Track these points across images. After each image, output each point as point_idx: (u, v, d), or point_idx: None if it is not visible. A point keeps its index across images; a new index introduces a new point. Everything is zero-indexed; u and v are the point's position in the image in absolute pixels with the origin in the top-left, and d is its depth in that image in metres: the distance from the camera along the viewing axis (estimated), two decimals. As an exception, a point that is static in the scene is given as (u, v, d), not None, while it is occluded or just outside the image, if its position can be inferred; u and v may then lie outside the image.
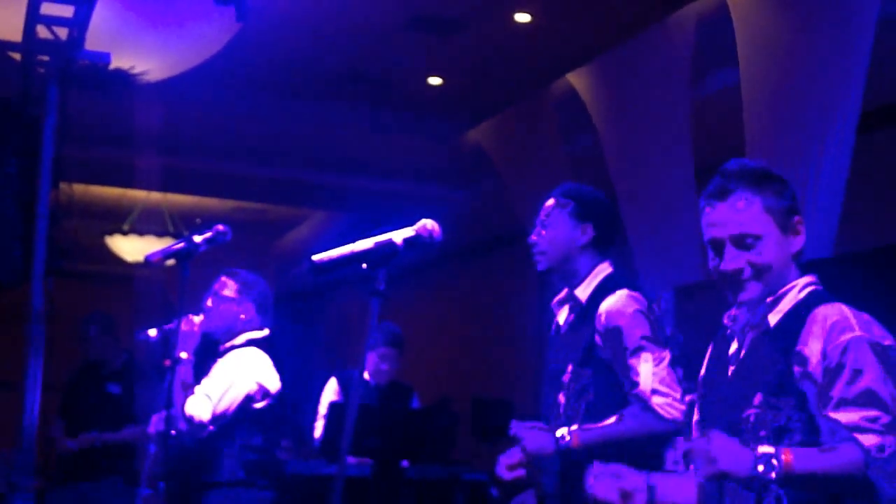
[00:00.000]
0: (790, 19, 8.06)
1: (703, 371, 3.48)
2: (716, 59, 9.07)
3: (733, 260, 3.25)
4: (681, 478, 3.41)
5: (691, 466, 3.03)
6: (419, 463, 7.97)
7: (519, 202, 10.78)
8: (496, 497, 8.64)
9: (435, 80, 11.03)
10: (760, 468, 2.93)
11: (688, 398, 4.28)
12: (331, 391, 8.24)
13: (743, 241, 3.24)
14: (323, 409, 8.12)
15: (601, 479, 3.35)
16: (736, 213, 3.24)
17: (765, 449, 2.96)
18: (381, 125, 11.91)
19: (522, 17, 9.53)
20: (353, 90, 11.24)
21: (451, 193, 13.22)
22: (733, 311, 3.34)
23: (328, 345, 17.82)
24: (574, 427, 4.42)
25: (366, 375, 8.17)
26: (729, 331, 3.35)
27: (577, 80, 10.27)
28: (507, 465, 4.51)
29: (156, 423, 5.55)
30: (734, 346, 3.33)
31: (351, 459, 7.70)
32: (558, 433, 4.42)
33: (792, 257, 3.27)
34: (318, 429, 8.02)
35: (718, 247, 3.27)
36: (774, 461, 2.93)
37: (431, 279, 15.90)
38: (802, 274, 3.29)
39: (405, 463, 7.81)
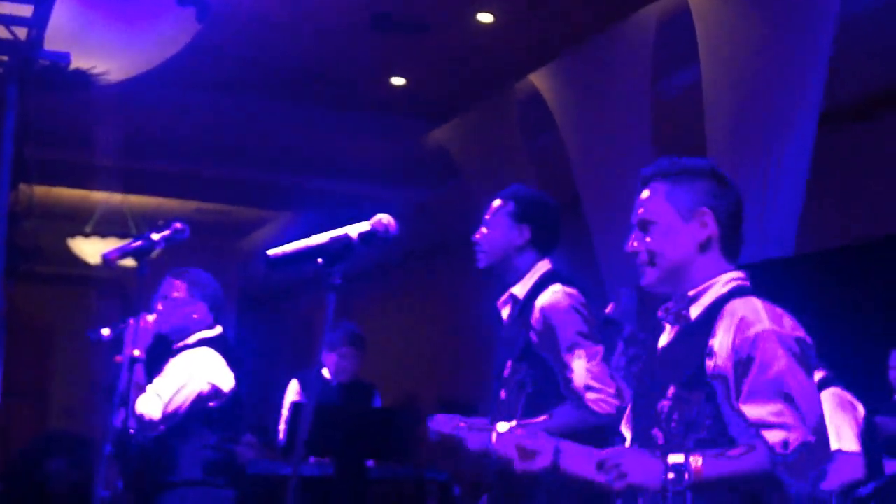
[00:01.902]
0: (751, 18, 8.09)
1: (639, 366, 3.51)
2: (677, 58, 9.10)
3: (633, 243, 3.38)
4: (590, 451, 3.41)
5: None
6: (382, 462, 7.96)
7: (482, 202, 10.76)
8: (458, 496, 8.64)
9: (398, 81, 11.02)
10: (671, 476, 2.99)
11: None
12: (293, 392, 8.24)
13: (644, 226, 3.36)
14: (286, 410, 8.11)
15: (504, 437, 3.37)
16: (643, 201, 3.38)
17: (674, 458, 3.01)
18: (344, 126, 11.88)
19: (485, 18, 9.53)
20: (316, 90, 11.21)
21: (414, 194, 13.22)
22: (668, 305, 3.37)
23: (292, 346, 17.80)
24: (513, 423, 4.44)
25: (327, 375, 8.16)
26: (663, 323, 3.38)
27: (539, 80, 10.28)
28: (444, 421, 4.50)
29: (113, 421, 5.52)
30: (663, 340, 3.37)
31: (314, 459, 7.69)
32: (498, 428, 4.43)
33: (697, 248, 3.30)
34: (282, 430, 8.01)
35: (631, 230, 3.40)
36: (685, 471, 2.98)
37: (396, 279, 15.90)
38: (731, 269, 3.32)
39: (369, 462, 7.80)
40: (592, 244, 9.68)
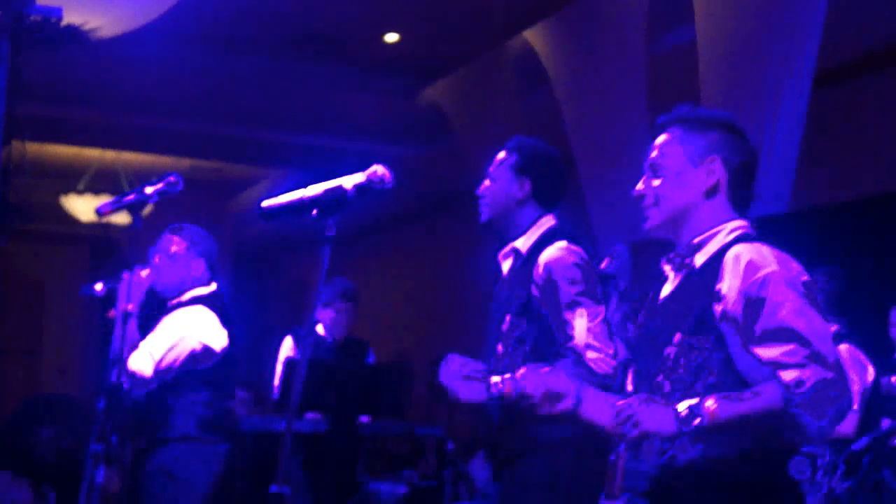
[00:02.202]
0: (746, -25, 8.06)
1: (640, 315, 3.51)
2: (672, 15, 9.06)
3: (642, 184, 3.39)
4: (608, 399, 3.43)
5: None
6: (375, 418, 7.97)
7: (475, 159, 10.76)
8: (452, 451, 8.67)
9: (391, 37, 10.97)
10: (685, 418, 3.01)
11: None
12: (287, 348, 8.24)
13: (654, 169, 3.38)
14: (280, 366, 8.12)
15: (531, 374, 3.39)
16: (657, 144, 3.40)
17: (687, 403, 3.03)
18: (338, 83, 11.84)
19: (480, -27, 9.49)
20: (310, 48, 11.16)
21: (407, 151, 13.18)
22: (670, 255, 3.37)
23: (286, 302, 17.79)
24: (507, 375, 4.43)
25: (322, 331, 8.16)
26: (665, 273, 3.38)
27: (533, 36, 10.24)
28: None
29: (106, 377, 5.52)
30: (666, 288, 3.37)
31: (309, 415, 7.70)
32: (492, 380, 4.42)
33: (703, 195, 3.31)
34: (276, 386, 8.02)
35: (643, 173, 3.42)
36: (699, 414, 3.01)
37: (389, 237, 15.89)
38: (737, 219, 3.32)
39: (362, 418, 7.81)
40: (585, 201, 9.67)
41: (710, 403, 3.00)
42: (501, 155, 4.75)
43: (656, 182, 3.34)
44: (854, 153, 8.80)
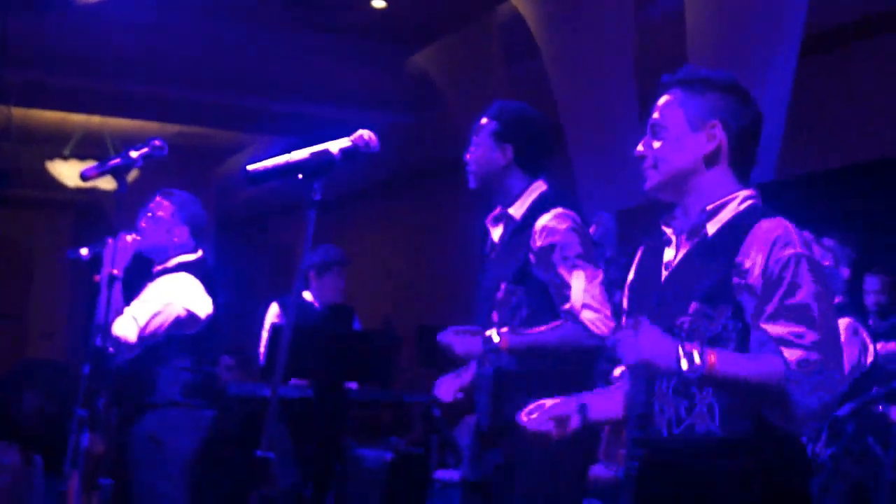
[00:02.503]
0: (734, -57, 8.04)
1: (631, 276, 3.50)
2: (660, -18, 9.05)
3: (643, 145, 3.36)
4: (609, 393, 3.45)
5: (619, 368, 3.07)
6: (362, 385, 7.98)
7: (463, 127, 10.73)
8: (438, 418, 8.68)
9: (378, 4, 10.94)
10: (684, 364, 2.98)
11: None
12: (272, 315, 8.23)
13: (654, 131, 3.35)
14: (266, 332, 8.11)
15: (534, 413, 3.40)
16: (659, 106, 3.36)
17: (691, 347, 3.01)
18: (325, 49, 11.81)
19: (467, -60, 9.46)
20: (297, 14, 11.13)
21: (394, 118, 13.16)
22: (669, 217, 3.36)
23: (271, 269, 17.79)
24: (504, 330, 4.44)
25: (309, 297, 8.15)
26: (665, 236, 3.37)
27: (521, 3, 10.21)
28: (447, 389, 4.58)
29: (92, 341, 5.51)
30: (670, 253, 3.35)
31: (296, 381, 7.70)
32: (488, 334, 4.45)
33: (703, 160, 3.29)
34: (262, 353, 8.02)
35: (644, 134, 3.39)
36: (698, 359, 2.98)
37: (377, 204, 15.88)
38: (743, 187, 3.30)
39: (349, 385, 7.81)
40: (572, 168, 9.67)
41: (711, 355, 2.99)
42: (483, 121, 4.73)
43: (656, 144, 3.31)
44: (841, 121, 8.80)
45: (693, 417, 3.16)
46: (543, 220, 4.54)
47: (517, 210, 4.66)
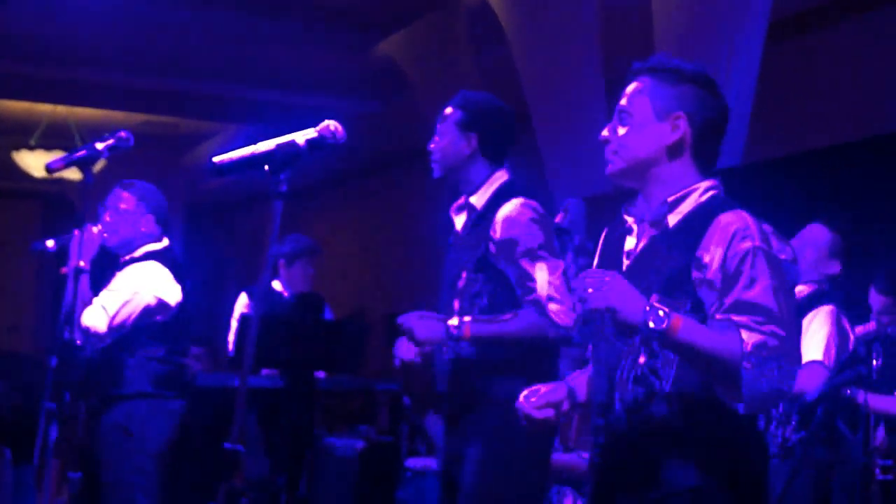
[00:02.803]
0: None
1: (595, 263, 3.51)
2: (626, -33, 9.05)
3: (607, 130, 3.37)
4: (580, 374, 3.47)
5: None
6: (331, 374, 7.97)
7: (430, 114, 10.71)
8: (408, 406, 8.67)
9: (345, -9, 10.91)
10: (651, 323, 2.99)
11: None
12: (241, 305, 8.23)
13: (620, 116, 3.37)
14: (235, 322, 8.11)
15: (528, 399, 3.41)
16: (627, 93, 3.37)
17: (659, 304, 3.03)
18: (291, 36, 11.77)
19: (433, -74, 9.43)
20: (264, 1, 11.08)
21: (362, 106, 13.14)
22: (629, 205, 3.38)
23: (240, 259, 17.77)
24: (467, 318, 4.46)
25: (279, 287, 8.15)
26: (627, 224, 3.38)
27: (488, -10, 10.20)
28: (407, 349, 4.59)
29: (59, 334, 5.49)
30: (631, 242, 3.36)
31: (266, 371, 7.70)
32: (450, 322, 4.46)
33: (665, 150, 3.30)
34: (231, 343, 8.01)
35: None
36: (664, 319, 2.99)
37: (344, 192, 15.86)
38: (705, 178, 3.30)
39: (318, 374, 7.81)
40: (541, 156, 9.67)
41: (678, 319, 3.00)
42: (448, 111, 4.75)
43: (622, 130, 3.33)
44: (807, 105, 8.83)
45: (651, 404, 3.19)
46: (504, 211, 4.57)
47: (479, 199, 4.69)
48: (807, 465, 5.25)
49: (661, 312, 2.99)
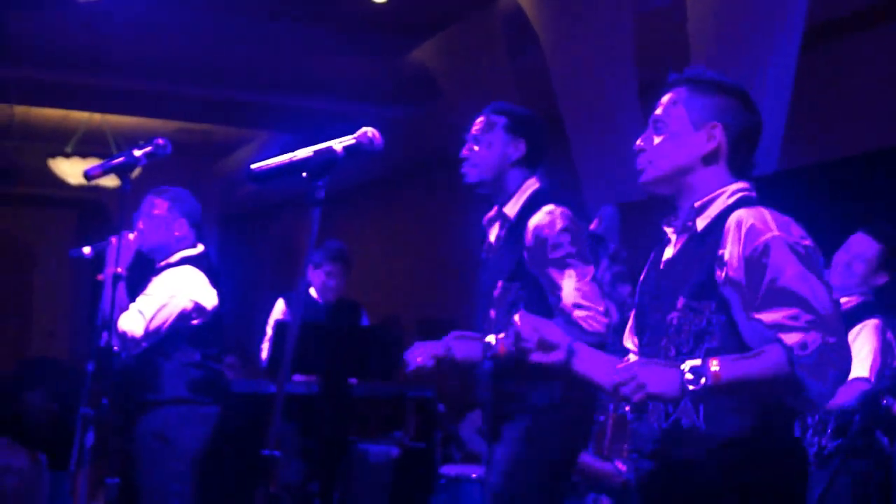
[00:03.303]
0: (734, -67, 8.02)
1: (642, 276, 3.52)
2: (661, -27, 9.03)
3: (642, 139, 3.39)
4: (603, 356, 3.44)
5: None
6: (366, 380, 7.98)
7: (463, 121, 10.71)
8: (443, 413, 8.67)
9: (379, -2, 10.92)
10: (689, 380, 2.98)
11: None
12: (278, 311, 8.23)
13: (656, 125, 3.38)
14: (270, 329, 8.11)
15: (526, 319, 3.38)
16: (663, 102, 3.40)
17: (691, 363, 3.00)
18: (325, 44, 11.79)
19: (467, -68, 9.43)
20: (297, 8, 11.10)
21: (395, 113, 13.15)
22: (671, 217, 3.39)
23: (274, 266, 17.79)
24: (501, 335, 4.48)
25: (314, 293, 8.15)
26: (666, 236, 3.39)
27: (522, -4, 10.20)
28: (425, 352, 4.59)
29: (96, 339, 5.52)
30: (668, 252, 3.37)
31: (299, 377, 7.71)
32: (487, 339, 4.49)
33: (701, 159, 3.31)
34: (265, 349, 8.01)
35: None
36: (703, 375, 2.98)
37: (377, 199, 15.87)
38: (737, 181, 3.31)
39: (352, 380, 7.81)
40: (573, 162, 9.66)
41: (714, 365, 2.98)
42: (488, 118, 4.77)
43: (657, 139, 3.35)
44: (842, 111, 8.79)
45: (679, 412, 3.20)
46: (535, 219, 4.60)
47: (512, 208, 4.72)
48: (843, 473, 5.23)
49: (697, 375, 2.98)
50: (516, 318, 3.37)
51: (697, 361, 3.00)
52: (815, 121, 8.57)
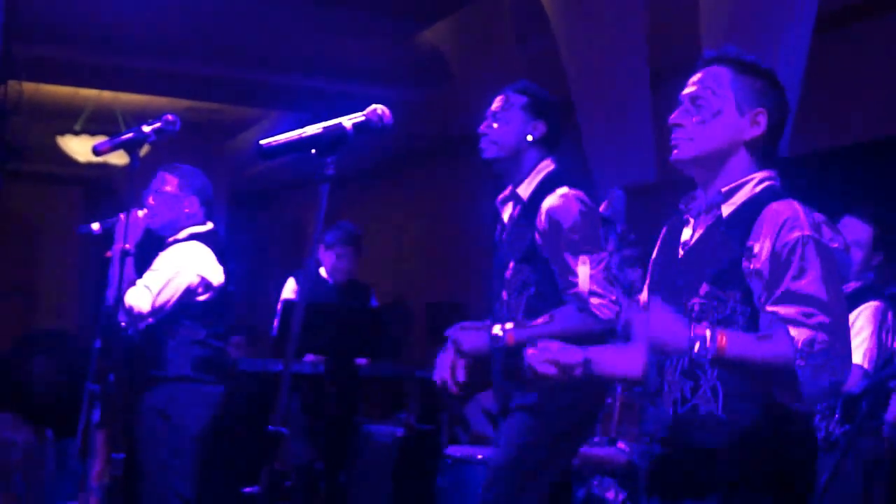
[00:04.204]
0: (747, -83, 7.99)
1: (654, 254, 3.50)
2: (672, -42, 9.00)
3: (681, 115, 3.34)
4: (618, 349, 3.44)
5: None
6: (373, 360, 7.99)
7: (474, 104, 10.69)
8: (449, 394, 8.66)
9: (390, -21, 10.91)
10: (696, 346, 2.97)
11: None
12: (289, 290, 8.24)
13: (696, 103, 3.32)
14: (281, 307, 8.12)
15: (540, 355, 3.38)
16: (705, 78, 3.35)
17: (702, 329, 3.01)
18: (335, 24, 11.77)
19: (479, -85, 9.41)
20: (308, -12, 11.09)
21: (406, 94, 13.13)
22: (689, 198, 3.36)
23: (283, 245, 17.80)
24: (509, 325, 4.47)
25: (324, 274, 8.15)
26: (685, 216, 3.37)
27: (533, -21, 10.17)
28: (448, 366, 4.60)
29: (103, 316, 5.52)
30: (687, 233, 3.35)
31: (311, 357, 7.72)
32: (493, 330, 4.49)
33: (744, 144, 3.30)
34: (276, 326, 8.03)
35: (679, 105, 3.37)
36: (709, 342, 2.97)
37: (389, 180, 15.86)
38: (762, 169, 3.29)
39: (359, 360, 7.82)
40: (583, 145, 9.64)
41: (720, 335, 2.98)
42: (509, 96, 4.76)
43: (697, 118, 3.31)
44: (853, 98, 8.76)
45: (697, 398, 3.20)
46: (549, 202, 4.59)
47: (525, 190, 4.71)
48: (851, 458, 5.23)
49: (706, 336, 2.99)
50: (529, 352, 3.39)
51: (707, 330, 3.00)
52: (825, 107, 8.55)
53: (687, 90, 3.36)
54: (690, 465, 3.21)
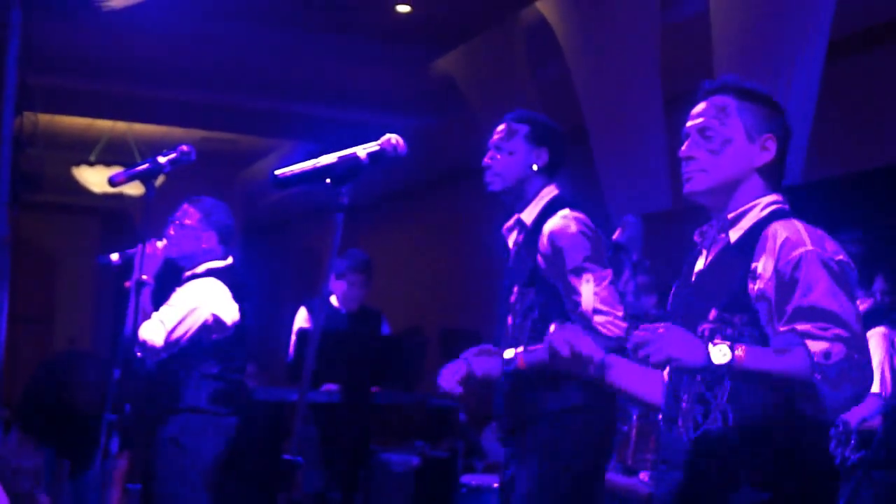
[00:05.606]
0: (760, -56, 8.01)
1: (673, 288, 3.51)
2: (685, -15, 9.02)
3: (691, 147, 3.34)
4: (640, 368, 3.44)
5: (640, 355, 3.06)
6: (388, 388, 7.98)
7: (488, 131, 10.69)
8: (464, 423, 8.67)
9: (403, 8, 10.94)
10: (714, 363, 2.98)
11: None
12: (301, 319, 8.24)
13: (704, 134, 3.31)
14: (294, 336, 8.13)
15: (560, 332, 3.38)
16: (710, 108, 3.35)
17: (718, 342, 3.01)
18: (349, 53, 11.82)
19: (491, -57, 9.44)
20: (322, 17, 11.13)
21: (419, 123, 13.16)
22: (703, 228, 3.37)
23: (298, 275, 17.81)
24: (520, 349, 4.48)
25: (335, 302, 8.16)
26: (699, 247, 3.38)
27: (546, 7, 10.20)
28: (451, 376, 4.58)
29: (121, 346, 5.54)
30: (700, 262, 3.37)
31: (322, 386, 7.72)
32: (505, 355, 4.49)
33: (756, 171, 3.30)
34: (291, 354, 8.04)
35: (686, 137, 3.37)
36: (727, 353, 2.98)
37: (400, 208, 15.88)
38: (771, 192, 3.30)
39: (374, 389, 7.82)
40: (597, 172, 9.65)
41: (739, 350, 2.98)
42: (510, 126, 4.76)
43: (708, 148, 3.31)
44: (867, 123, 8.77)
45: (708, 423, 3.20)
46: (550, 224, 4.60)
47: (528, 215, 4.72)
48: (867, 485, 5.22)
49: (722, 350, 2.99)
50: (551, 328, 3.38)
51: (725, 343, 3.00)
52: (838, 133, 8.55)
53: (692, 122, 3.36)
54: (706, 489, 3.20)
